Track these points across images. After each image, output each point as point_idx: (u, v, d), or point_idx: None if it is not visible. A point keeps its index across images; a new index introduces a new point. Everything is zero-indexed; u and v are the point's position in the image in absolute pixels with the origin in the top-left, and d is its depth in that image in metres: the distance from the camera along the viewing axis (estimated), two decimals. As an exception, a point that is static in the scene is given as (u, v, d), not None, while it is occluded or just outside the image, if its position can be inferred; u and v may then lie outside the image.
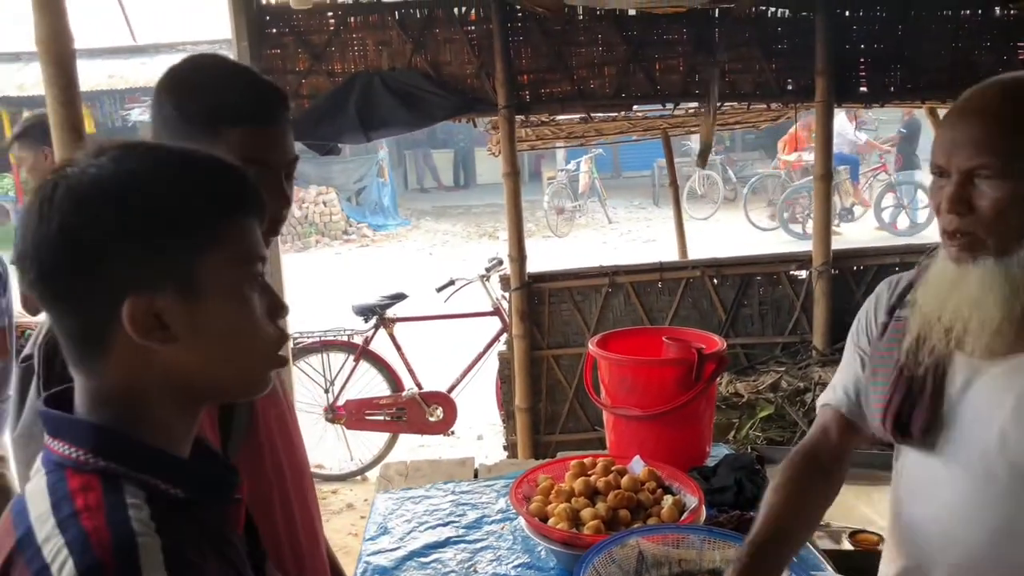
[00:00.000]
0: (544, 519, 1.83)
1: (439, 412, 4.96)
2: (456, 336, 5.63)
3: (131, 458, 0.82)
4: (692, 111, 4.74)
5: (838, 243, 4.32)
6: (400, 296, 5.17)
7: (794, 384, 3.79)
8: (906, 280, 1.49)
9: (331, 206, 13.67)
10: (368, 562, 1.91)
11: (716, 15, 3.96)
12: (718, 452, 2.38)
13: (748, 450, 2.94)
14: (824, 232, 4.15)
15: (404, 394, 4.96)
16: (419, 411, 4.93)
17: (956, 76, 3.96)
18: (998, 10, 3.95)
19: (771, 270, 4.26)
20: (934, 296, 1.33)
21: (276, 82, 1.41)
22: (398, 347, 5.09)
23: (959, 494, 1.33)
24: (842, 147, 11.59)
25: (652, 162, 14.79)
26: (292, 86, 3.90)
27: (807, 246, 4.35)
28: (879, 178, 11.70)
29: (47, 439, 0.84)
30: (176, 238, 0.83)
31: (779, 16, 4.02)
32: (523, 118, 4.36)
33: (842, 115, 10.64)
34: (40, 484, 0.81)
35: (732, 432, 3.59)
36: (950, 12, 3.95)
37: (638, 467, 2.01)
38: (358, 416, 4.94)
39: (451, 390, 5.05)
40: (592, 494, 1.91)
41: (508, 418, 4.42)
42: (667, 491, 1.94)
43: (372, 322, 5.04)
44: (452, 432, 5.09)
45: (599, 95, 4.04)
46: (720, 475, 2.13)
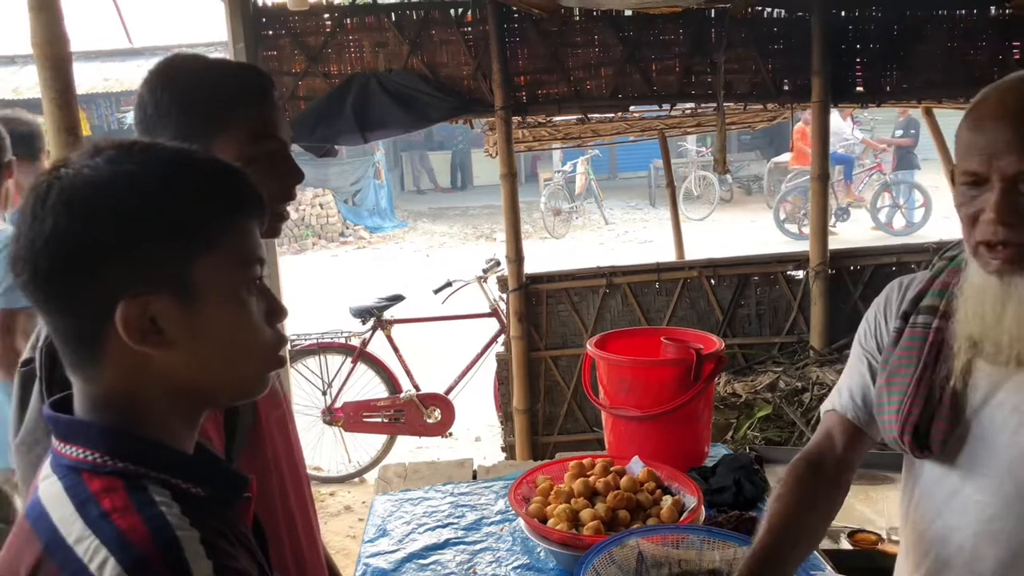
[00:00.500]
0: (543, 520, 1.83)
1: (437, 414, 4.96)
2: (454, 338, 5.63)
3: (148, 458, 0.81)
4: (689, 112, 4.74)
5: (834, 243, 4.33)
6: (397, 298, 5.17)
7: (792, 384, 3.79)
8: (918, 283, 1.43)
9: (328, 208, 13.66)
10: (367, 564, 1.91)
11: (712, 15, 3.97)
12: (717, 452, 2.38)
13: (747, 450, 2.94)
14: (821, 232, 4.15)
15: (402, 396, 4.95)
16: (417, 413, 4.93)
17: (952, 76, 3.97)
18: (993, 9, 3.95)
19: (768, 270, 4.27)
20: (976, 313, 1.25)
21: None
22: (395, 349, 5.09)
23: (983, 509, 1.28)
24: (836, 147, 11.62)
25: (649, 163, 14.80)
26: (289, 88, 3.90)
27: (803, 246, 4.36)
28: (874, 177, 11.71)
29: (56, 444, 0.83)
30: (171, 240, 0.81)
31: (775, 16, 4.02)
32: (520, 119, 4.37)
33: (837, 115, 10.66)
34: (55, 488, 0.80)
35: (730, 432, 3.59)
36: (946, 12, 3.95)
37: (637, 468, 2.01)
38: (356, 418, 4.93)
39: (449, 392, 5.04)
40: (591, 495, 1.91)
41: (506, 419, 4.41)
42: (666, 491, 1.94)
43: (369, 324, 5.04)
44: (450, 434, 5.09)
45: (595, 96, 4.04)
46: (719, 475, 2.13)
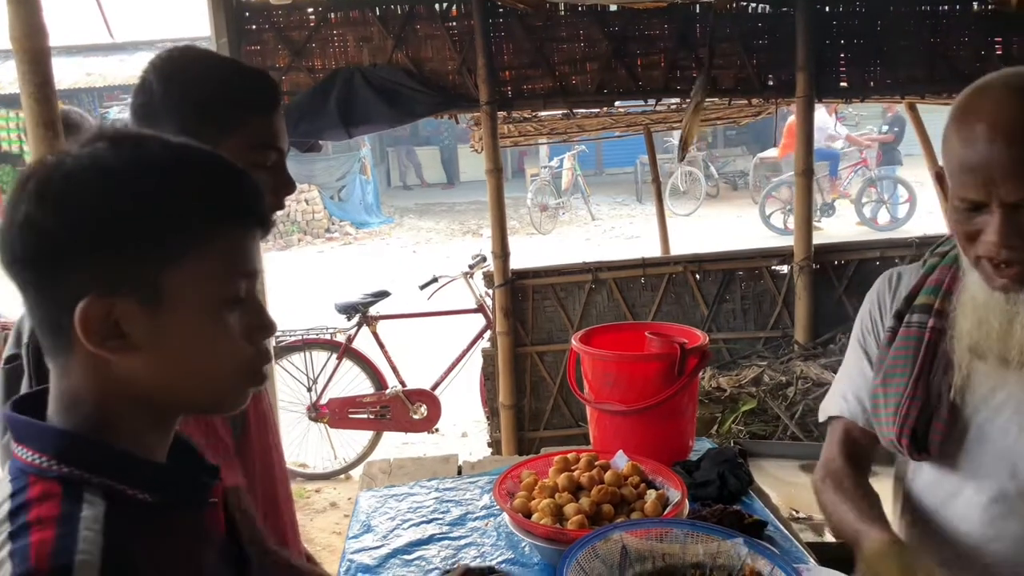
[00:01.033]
0: (528, 515, 1.83)
1: (423, 410, 4.95)
2: (440, 333, 5.62)
3: (95, 463, 0.79)
4: (674, 107, 4.75)
5: (820, 238, 4.35)
6: (383, 294, 5.16)
7: (776, 378, 3.81)
8: (908, 279, 1.41)
9: (313, 204, 13.61)
10: (352, 560, 1.90)
11: (697, 10, 3.97)
12: (701, 446, 2.38)
13: (731, 444, 2.95)
14: (805, 227, 4.17)
15: (388, 392, 4.94)
16: (403, 409, 4.92)
17: (934, 71, 3.99)
18: (976, 5, 3.98)
19: (753, 265, 4.28)
20: (979, 328, 1.24)
21: None
22: (381, 345, 5.08)
23: (985, 510, 1.27)
24: (820, 143, 11.66)
25: (635, 159, 14.82)
26: (272, 83, 3.88)
27: (788, 241, 4.38)
28: (858, 173, 11.77)
29: (13, 445, 0.82)
30: (142, 243, 0.78)
31: (760, 11, 4.03)
32: (505, 114, 4.36)
33: (822, 110, 10.71)
34: (4, 491, 0.79)
35: (715, 426, 3.61)
36: (928, 7, 3.97)
37: (621, 462, 2.01)
38: (341, 414, 4.92)
39: (435, 388, 5.04)
40: (576, 489, 1.91)
41: (492, 415, 4.41)
42: (650, 486, 1.94)
43: (355, 320, 5.02)
44: (436, 430, 5.08)
45: (581, 91, 4.04)
46: (703, 469, 2.14)
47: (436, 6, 3.91)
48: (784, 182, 11.10)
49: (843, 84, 4.09)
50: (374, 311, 5.09)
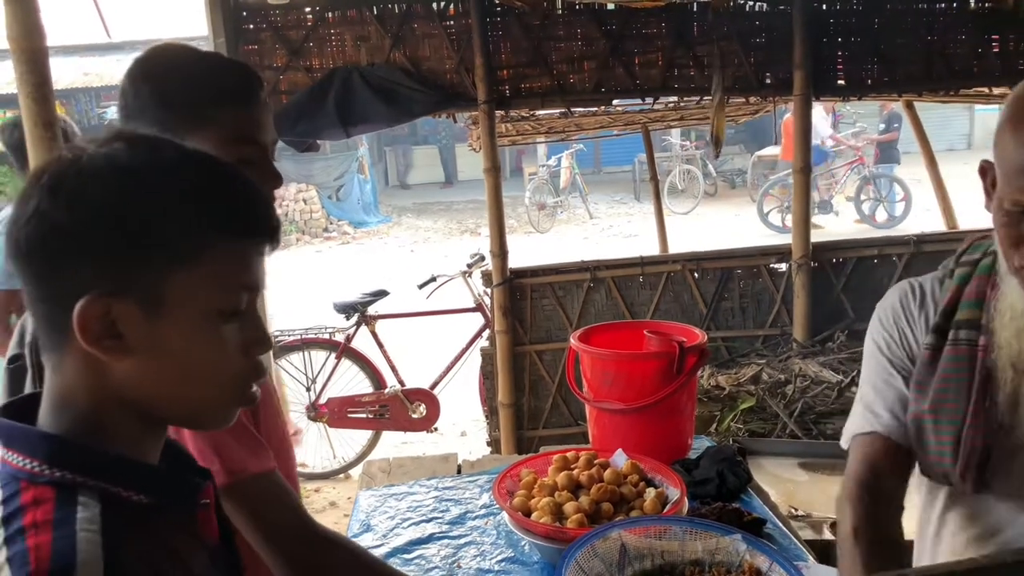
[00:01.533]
0: (527, 513, 1.83)
1: (422, 409, 4.95)
2: (438, 332, 5.62)
3: (87, 466, 0.79)
4: (672, 105, 4.75)
5: (818, 236, 4.35)
6: (381, 293, 5.16)
7: (775, 376, 3.81)
8: (933, 289, 1.33)
9: (311, 203, 13.61)
10: (351, 559, 1.90)
11: (695, 9, 3.97)
12: (700, 444, 2.39)
13: (730, 442, 2.95)
14: (803, 225, 4.17)
15: (387, 391, 4.94)
16: (402, 408, 4.92)
17: (932, 69, 4.00)
18: (972, 2, 3.98)
19: (751, 263, 4.28)
20: (1019, 338, 1.18)
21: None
22: (380, 344, 5.08)
23: None
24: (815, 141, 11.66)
25: (633, 157, 14.82)
26: (270, 82, 3.87)
27: (786, 239, 4.38)
28: (855, 171, 11.76)
29: (2, 451, 0.81)
30: (152, 245, 0.78)
31: (757, 9, 4.04)
32: (503, 113, 4.36)
33: (819, 109, 10.71)
34: None
35: (714, 424, 3.61)
36: (925, 5, 3.98)
37: (621, 460, 2.01)
38: (340, 414, 4.92)
39: (434, 387, 5.04)
40: (575, 488, 1.91)
41: (491, 414, 4.41)
42: (649, 484, 1.94)
43: (354, 319, 5.02)
44: (435, 429, 5.08)
45: (579, 90, 4.04)
46: (702, 467, 2.14)
47: (433, 5, 3.91)
48: (781, 180, 11.11)
49: (840, 82, 4.09)
50: (373, 310, 5.09)
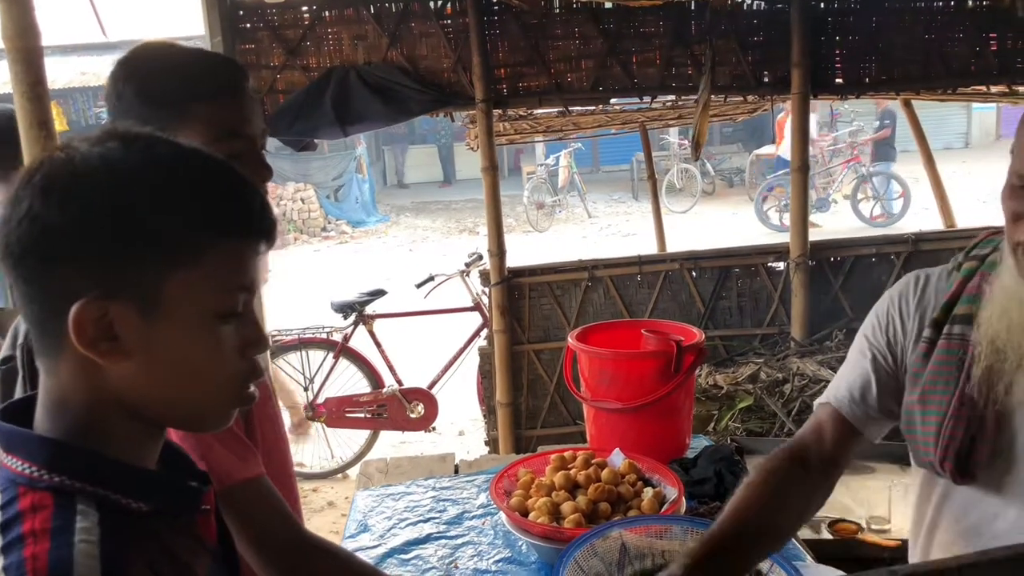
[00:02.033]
0: (524, 513, 1.82)
1: (420, 408, 4.95)
2: (436, 332, 5.62)
3: (87, 472, 0.77)
4: (670, 104, 4.74)
5: (816, 235, 4.34)
6: (379, 292, 5.15)
7: (773, 375, 3.81)
8: (937, 282, 1.35)
9: (309, 203, 13.60)
10: (348, 560, 1.90)
11: (692, 7, 3.97)
12: (698, 444, 2.38)
13: (728, 441, 2.95)
14: (801, 223, 4.16)
15: (384, 391, 4.93)
16: (400, 408, 4.91)
17: (929, 67, 4.00)
18: (970, 1, 3.98)
19: (749, 262, 4.28)
20: (1000, 317, 1.19)
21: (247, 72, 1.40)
22: (378, 344, 5.07)
23: None
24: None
25: (631, 156, 14.83)
26: (267, 81, 3.87)
27: (784, 238, 4.38)
28: (852, 169, 11.76)
29: (1, 455, 0.79)
30: (147, 250, 0.76)
31: (755, 8, 4.03)
32: (501, 112, 4.35)
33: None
34: None
35: (712, 424, 3.60)
36: (923, 3, 3.97)
37: (618, 460, 2.01)
38: (338, 414, 4.91)
39: (432, 386, 5.03)
40: (572, 488, 1.91)
41: (489, 413, 4.41)
42: (647, 483, 1.94)
43: (351, 319, 5.02)
44: (433, 428, 5.08)
45: (576, 89, 4.03)
46: (700, 467, 2.14)
47: (431, 4, 3.90)
48: (779, 181, 11.11)
49: (838, 80, 4.09)
50: (370, 310, 5.08)
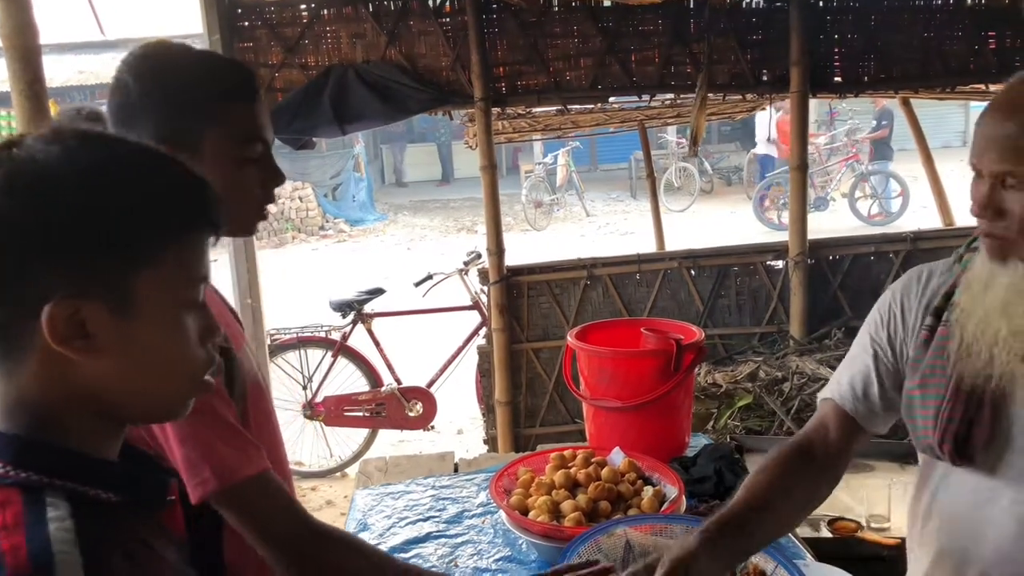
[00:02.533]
0: (524, 512, 1.82)
1: (419, 407, 4.94)
2: (435, 331, 5.61)
3: (53, 466, 0.77)
4: (668, 102, 4.74)
5: (814, 233, 4.34)
6: (378, 291, 5.15)
7: (772, 374, 3.81)
8: (939, 276, 1.38)
9: (307, 201, 13.59)
10: (348, 559, 1.89)
11: (691, 5, 3.97)
12: (697, 442, 2.38)
13: (727, 440, 2.95)
14: (800, 222, 4.16)
15: (383, 390, 4.93)
16: (398, 406, 4.91)
17: (928, 66, 4.00)
18: (969, 0, 3.98)
19: (748, 260, 4.28)
20: (970, 299, 1.25)
21: None
22: (376, 342, 5.07)
23: (1018, 518, 1.24)
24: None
25: (629, 155, 14.82)
26: (265, 80, 3.86)
27: (783, 236, 4.38)
28: (851, 167, 11.77)
29: None
30: (118, 248, 0.76)
31: (754, 7, 4.03)
32: (499, 111, 4.35)
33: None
34: None
35: (711, 422, 3.60)
36: (922, 2, 3.98)
37: (618, 458, 2.01)
38: (337, 412, 4.91)
39: (431, 385, 5.03)
40: (572, 486, 1.91)
41: (488, 412, 4.41)
42: (647, 482, 1.94)
43: (350, 318, 5.02)
44: (432, 427, 5.07)
45: (575, 87, 4.03)
46: (700, 465, 2.14)
47: (429, 2, 3.90)
48: (776, 180, 11.12)
49: (837, 79, 4.09)
50: (369, 308, 5.08)
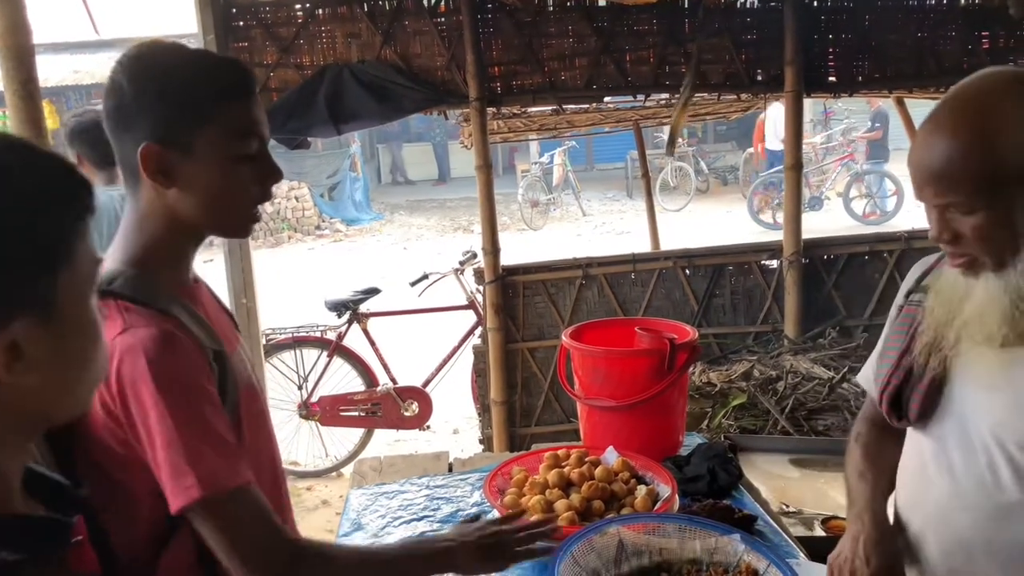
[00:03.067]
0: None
1: (414, 407, 4.94)
2: (430, 330, 5.61)
3: None
4: (663, 102, 4.75)
5: (809, 233, 4.35)
6: (373, 291, 5.14)
7: (766, 373, 3.81)
8: (928, 264, 1.49)
9: (303, 201, 13.58)
10: (342, 558, 1.89)
11: (686, 5, 3.97)
12: (691, 441, 2.39)
13: (721, 439, 2.96)
14: (795, 221, 4.17)
15: (379, 389, 4.93)
16: (394, 406, 4.91)
17: (922, 65, 4.01)
18: (963, 0, 3.99)
19: (743, 260, 4.29)
20: (944, 304, 1.33)
21: None
22: (372, 342, 5.06)
23: (953, 478, 1.34)
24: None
25: (625, 154, 14.83)
26: (260, 80, 3.85)
27: (778, 236, 4.38)
28: (846, 166, 11.79)
29: None
30: (35, 255, 0.71)
31: (748, 6, 4.04)
32: (495, 110, 4.35)
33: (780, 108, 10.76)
34: None
35: (705, 421, 3.61)
36: (916, 2, 3.99)
37: (612, 458, 2.01)
38: (332, 412, 4.91)
39: (426, 384, 5.03)
40: (566, 486, 1.91)
41: (484, 411, 4.41)
42: (641, 481, 1.94)
43: (345, 317, 5.01)
44: (428, 427, 5.07)
45: (570, 87, 4.03)
46: (693, 464, 2.14)
47: (424, 2, 3.90)
48: (771, 180, 11.12)
49: (831, 79, 4.10)
50: (364, 308, 5.08)
